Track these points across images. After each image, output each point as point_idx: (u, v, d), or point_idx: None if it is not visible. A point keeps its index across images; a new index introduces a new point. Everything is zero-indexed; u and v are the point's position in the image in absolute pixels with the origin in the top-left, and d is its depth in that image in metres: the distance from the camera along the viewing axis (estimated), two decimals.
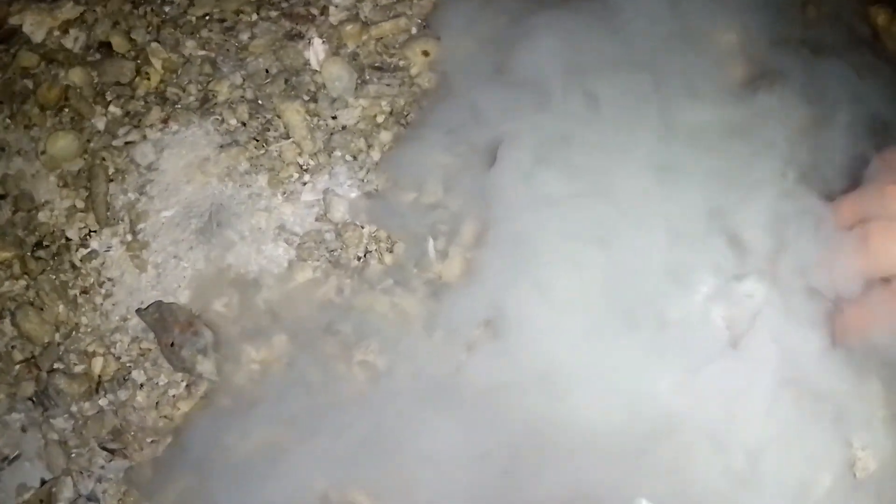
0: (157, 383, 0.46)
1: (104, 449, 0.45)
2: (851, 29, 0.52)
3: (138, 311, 0.47)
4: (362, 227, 0.48)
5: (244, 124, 0.51)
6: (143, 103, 0.52)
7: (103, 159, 0.50)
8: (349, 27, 0.53)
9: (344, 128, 0.51)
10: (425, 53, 0.52)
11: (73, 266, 0.49)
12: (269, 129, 0.51)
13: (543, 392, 0.42)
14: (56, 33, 0.54)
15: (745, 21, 0.50)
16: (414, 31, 0.53)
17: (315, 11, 0.54)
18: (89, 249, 0.49)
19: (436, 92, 0.51)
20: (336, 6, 0.54)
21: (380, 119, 0.51)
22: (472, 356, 0.44)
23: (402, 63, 0.53)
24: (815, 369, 0.42)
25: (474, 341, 0.44)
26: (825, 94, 0.47)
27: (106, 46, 0.53)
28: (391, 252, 0.48)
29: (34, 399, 0.46)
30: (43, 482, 0.45)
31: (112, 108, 0.52)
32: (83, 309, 0.48)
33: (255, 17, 0.54)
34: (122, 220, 0.49)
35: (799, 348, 0.42)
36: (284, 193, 0.49)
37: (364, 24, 0.53)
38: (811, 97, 0.48)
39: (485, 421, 0.42)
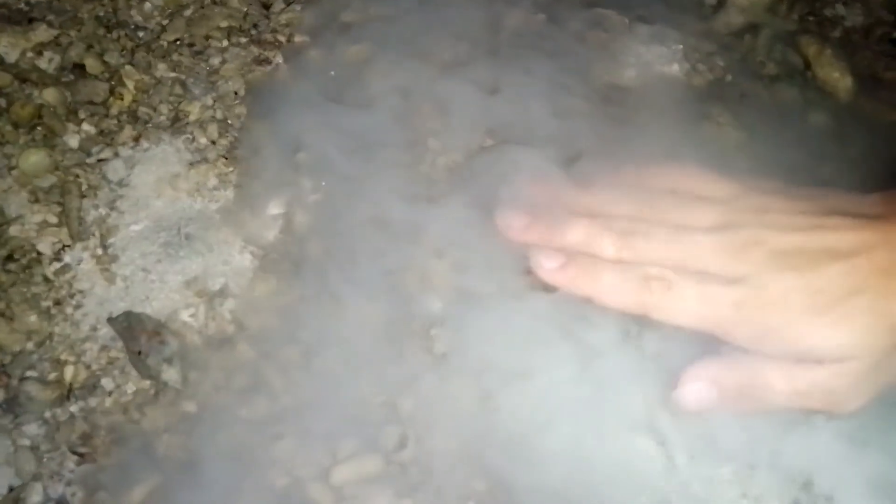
0: (125, 391, 0.47)
1: (74, 453, 0.46)
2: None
3: (109, 319, 0.48)
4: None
5: (214, 143, 0.53)
6: (115, 122, 0.54)
7: (77, 176, 0.52)
8: (313, 53, 0.55)
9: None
10: None
11: (46, 279, 0.50)
12: (237, 148, 0.53)
13: None
14: (30, 54, 0.55)
15: None
16: None
17: (282, 38, 0.57)
18: (63, 263, 0.50)
19: None
20: (301, 34, 0.57)
21: None
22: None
23: None
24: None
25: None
26: None
27: (80, 68, 0.55)
28: None
29: (3, 406, 0.47)
30: (11, 489, 0.46)
31: (85, 126, 0.53)
32: (56, 319, 0.49)
33: (225, 42, 0.57)
34: (94, 235, 0.51)
35: None
36: (251, 207, 0.51)
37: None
38: None
39: None
